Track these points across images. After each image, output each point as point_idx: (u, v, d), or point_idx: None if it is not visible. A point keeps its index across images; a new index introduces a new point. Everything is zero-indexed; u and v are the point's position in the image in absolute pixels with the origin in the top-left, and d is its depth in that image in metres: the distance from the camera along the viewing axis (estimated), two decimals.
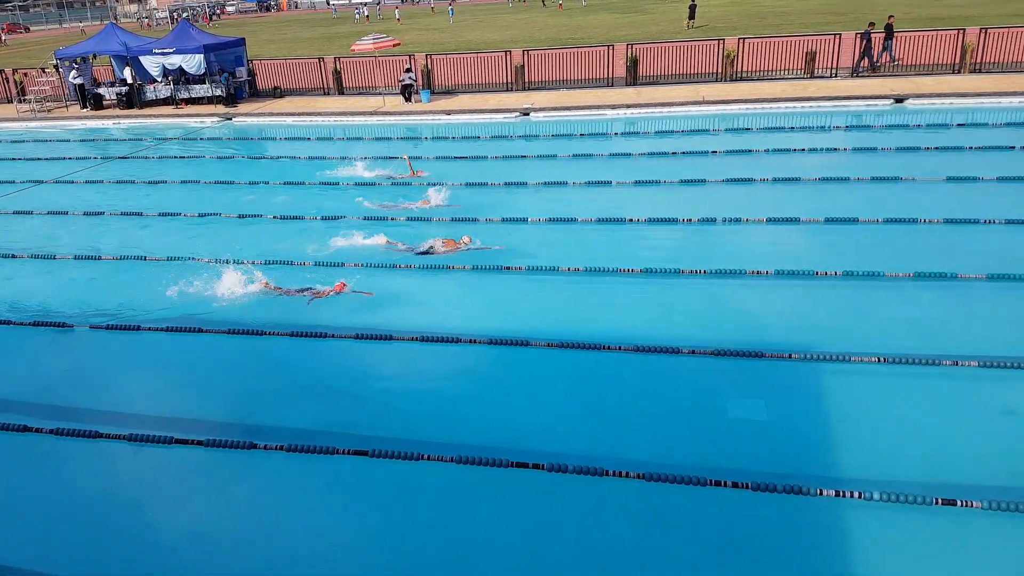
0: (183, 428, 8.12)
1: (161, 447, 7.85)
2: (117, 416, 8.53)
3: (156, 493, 7.39)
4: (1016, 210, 12.41)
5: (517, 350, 9.34)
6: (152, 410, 8.72)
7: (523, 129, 22.28)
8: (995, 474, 6.73)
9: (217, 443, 7.76)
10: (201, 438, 7.85)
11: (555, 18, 57.21)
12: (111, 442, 7.99)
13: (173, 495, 7.35)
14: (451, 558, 6.28)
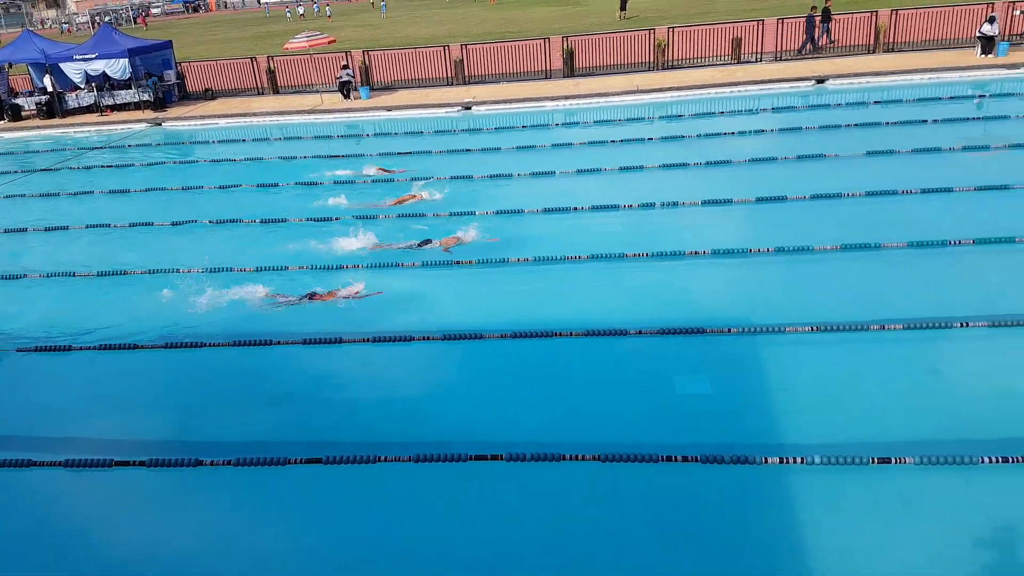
0: (124, 449, 7.89)
1: (101, 471, 7.58)
2: (51, 442, 8.24)
3: (98, 520, 7.16)
4: (930, 179, 13.18)
5: (469, 343, 9.49)
6: (90, 433, 8.46)
7: (466, 123, 22.56)
8: (925, 430, 7.22)
9: (161, 463, 7.55)
10: (144, 458, 7.62)
11: (491, 12, 57.33)
12: (46, 470, 7.65)
13: (116, 521, 7.12)
14: (416, 558, 6.33)
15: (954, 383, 8.04)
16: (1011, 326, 8.66)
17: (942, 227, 11.31)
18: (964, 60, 22.31)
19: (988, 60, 22.04)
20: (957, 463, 6.66)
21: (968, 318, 8.84)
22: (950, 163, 14.49)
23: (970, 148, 15.14)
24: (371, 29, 50.88)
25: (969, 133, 16.19)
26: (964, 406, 7.59)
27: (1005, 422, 7.26)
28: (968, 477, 6.59)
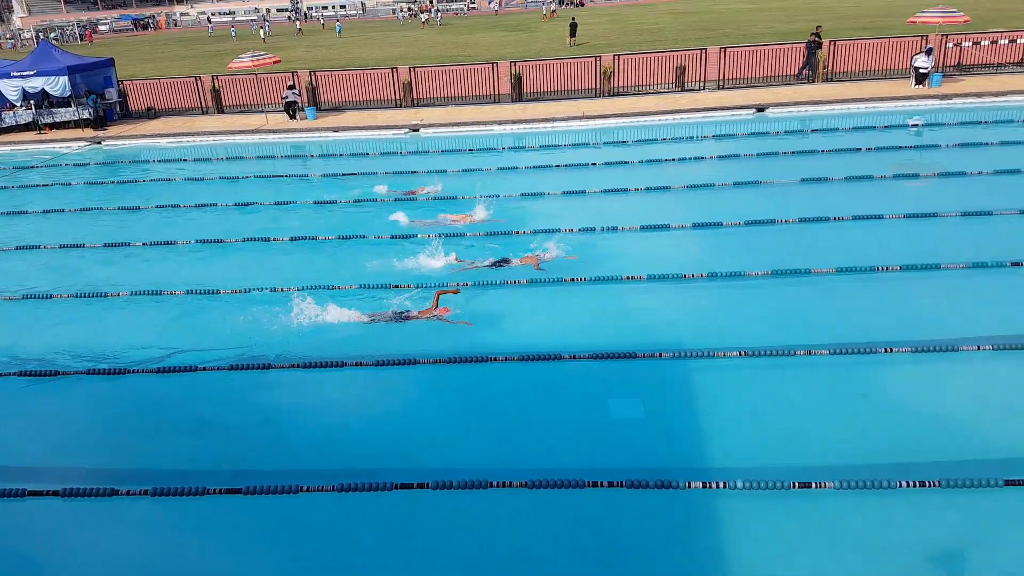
0: (37, 478, 7.63)
1: (13, 501, 7.31)
2: None
3: (8, 554, 6.85)
4: (861, 207, 13.53)
5: (398, 369, 9.37)
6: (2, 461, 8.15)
7: (414, 145, 22.53)
8: (847, 455, 7.33)
9: (75, 492, 7.28)
10: (57, 488, 7.35)
11: (442, 35, 57.70)
12: None
13: (26, 554, 6.83)
14: None
15: (877, 408, 8.17)
16: (933, 352, 8.88)
17: (871, 253, 11.60)
18: (899, 90, 23.12)
19: (922, 91, 22.86)
20: (876, 488, 6.76)
21: (892, 343, 9.04)
22: (881, 191, 14.91)
23: (901, 176, 15.61)
24: (321, 49, 50.69)
25: (901, 162, 16.69)
26: (885, 431, 7.73)
27: (923, 447, 7.41)
28: (887, 501, 6.69)
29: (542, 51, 39.24)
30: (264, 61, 25.42)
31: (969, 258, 11.21)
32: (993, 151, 17.09)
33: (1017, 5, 49.03)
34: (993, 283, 10.73)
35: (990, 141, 17.72)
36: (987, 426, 7.65)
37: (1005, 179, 14.98)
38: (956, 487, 6.68)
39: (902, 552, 6.22)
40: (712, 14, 59.20)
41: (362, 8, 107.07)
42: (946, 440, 7.47)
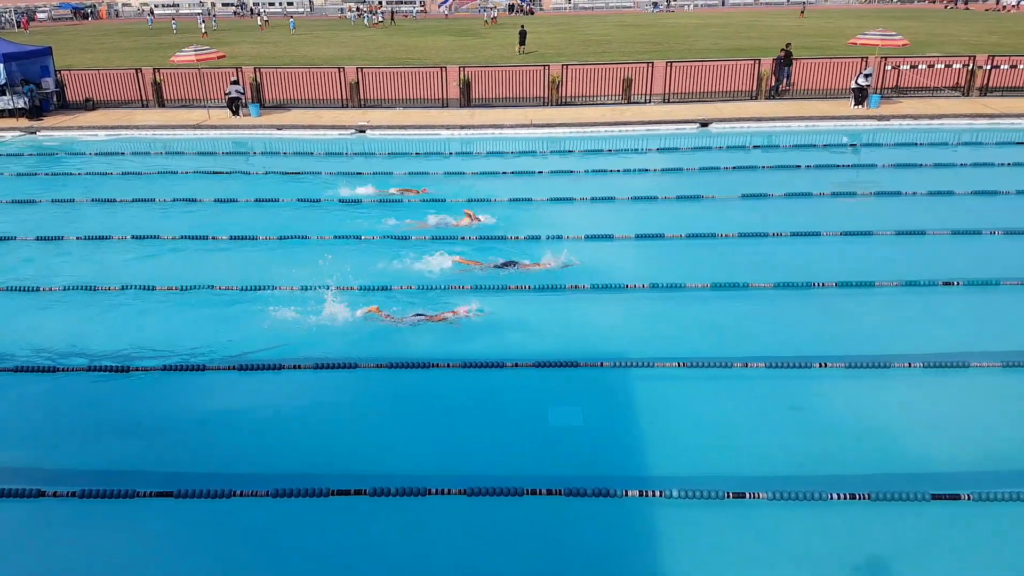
0: None
1: None
2: None
3: None
4: (799, 223, 13.88)
5: (340, 373, 9.22)
6: None
7: (360, 146, 22.25)
8: (781, 466, 7.47)
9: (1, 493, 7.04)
10: None
11: (391, 38, 57.31)
12: None
13: None
14: None
15: (810, 421, 8.35)
16: (865, 367, 9.12)
17: (807, 269, 11.88)
18: (839, 110, 23.85)
19: (860, 111, 23.62)
20: (808, 499, 6.89)
21: (826, 358, 9.25)
22: (819, 208, 15.30)
23: (839, 194, 16.06)
24: (267, 46, 49.77)
25: (839, 180, 17.18)
26: (818, 443, 7.90)
27: (854, 460, 7.59)
28: (818, 512, 6.82)
29: (491, 58, 39.28)
30: (208, 56, 24.77)
31: (902, 276, 11.57)
32: (927, 172, 17.75)
33: (952, 31, 51.28)
34: (924, 301, 11.08)
35: (924, 162, 18.40)
36: (915, 441, 7.89)
37: (938, 200, 15.56)
38: (885, 500, 6.86)
39: (833, 562, 6.36)
40: (658, 28, 60.33)
41: (310, 6, 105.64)
42: (876, 454, 7.67)
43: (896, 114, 23.29)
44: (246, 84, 25.90)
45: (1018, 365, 9.11)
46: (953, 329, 10.26)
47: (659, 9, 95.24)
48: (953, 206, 15.20)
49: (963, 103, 24.80)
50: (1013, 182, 16.33)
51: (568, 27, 66.05)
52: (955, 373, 9.04)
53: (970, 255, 12.73)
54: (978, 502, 6.81)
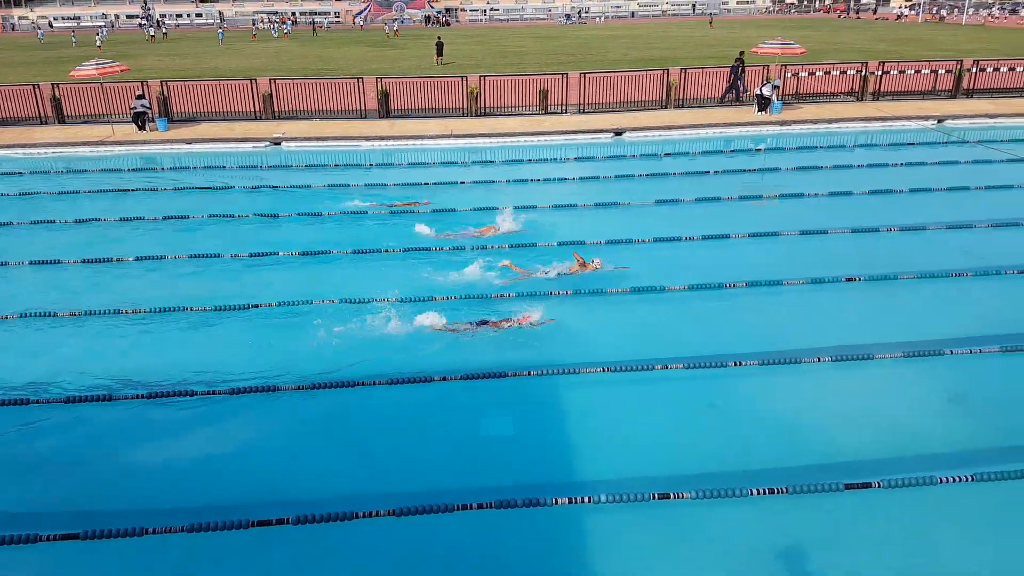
0: None
1: None
2: None
3: None
4: (711, 227, 14.32)
5: (256, 397, 8.93)
6: None
7: (275, 159, 21.80)
8: (703, 465, 7.66)
9: None
10: None
11: (306, 48, 56.43)
12: None
13: None
14: None
15: (729, 418, 8.63)
16: (777, 364, 9.49)
17: (720, 271, 12.27)
18: (743, 117, 24.78)
19: (764, 117, 24.62)
20: (729, 496, 7.09)
21: (741, 356, 9.58)
22: (728, 212, 15.88)
23: (746, 198, 16.70)
24: (175, 59, 48.17)
25: (746, 184, 17.87)
26: (737, 441, 8.15)
27: (771, 455, 7.86)
28: (739, 508, 7.03)
29: (409, 68, 39.18)
30: (110, 69, 23.83)
31: (808, 274, 12.11)
32: (827, 174, 18.67)
33: (845, 39, 54.10)
34: (829, 298, 11.64)
35: (825, 164, 19.35)
36: (828, 433, 8.23)
37: (838, 200, 16.38)
38: (802, 492, 7.12)
39: (756, 556, 6.56)
40: (571, 40, 61.40)
41: (220, 18, 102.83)
42: (791, 447, 7.98)
43: (797, 119, 24.41)
44: (152, 98, 25.01)
45: (918, 355, 9.64)
46: (857, 323, 10.77)
47: (572, 21, 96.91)
48: (852, 205, 16.02)
49: (858, 107, 26.20)
50: (906, 181, 17.34)
51: (484, 39, 66.47)
52: (861, 365, 9.51)
53: (869, 252, 13.42)
54: (887, 489, 7.15)
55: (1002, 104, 26.27)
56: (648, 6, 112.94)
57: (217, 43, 62.92)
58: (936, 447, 7.94)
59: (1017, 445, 7.92)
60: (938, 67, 28.03)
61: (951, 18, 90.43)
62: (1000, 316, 10.87)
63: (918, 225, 14.41)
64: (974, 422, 8.51)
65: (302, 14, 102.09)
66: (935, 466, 7.46)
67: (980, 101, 26.97)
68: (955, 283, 12.02)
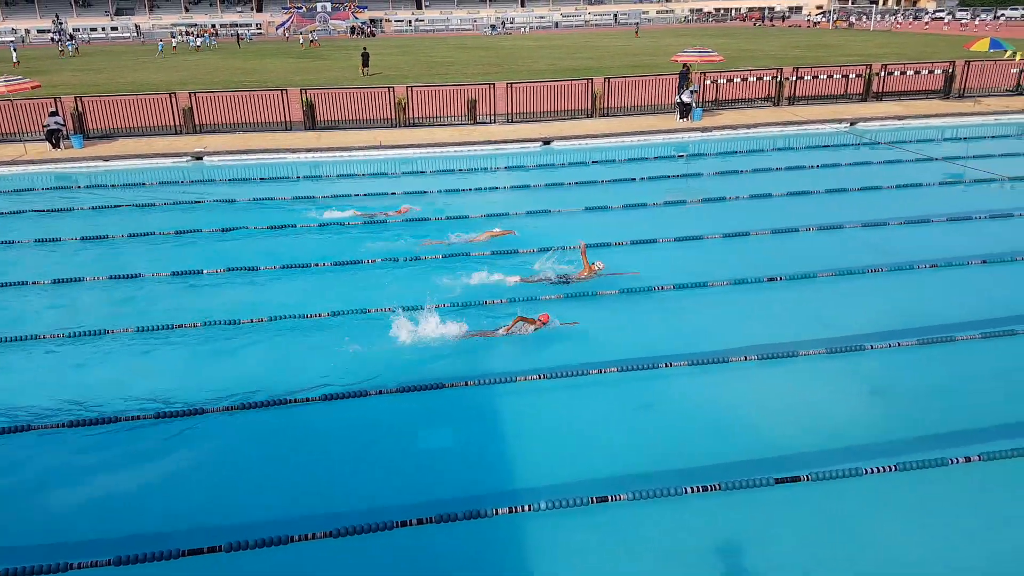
0: None
1: None
2: None
3: None
4: (637, 232, 14.62)
5: (184, 421, 8.65)
6: None
7: (198, 174, 21.22)
8: (639, 466, 7.78)
9: None
10: None
11: (228, 61, 55.16)
12: None
13: None
14: None
15: (662, 419, 8.81)
16: (706, 363, 9.74)
17: (647, 275, 12.52)
18: (666, 124, 25.39)
19: (685, 124, 25.28)
20: (665, 495, 7.23)
21: (670, 357, 9.79)
22: (654, 216, 16.23)
23: (671, 203, 17.09)
24: (90, 74, 46.34)
25: (670, 189, 18.28)
26: (671, 440, 8.32)
27: (704, 453, 8.03)
28: (675, 506, 7.17)
29: (334, 79, 38.74)
30: (20, 86, 22.70)
31: (732, 275, 12.48)
32: (747, 177, 19.31)
33: (761, 46, 56.02)
34: (753, 297, 12.01)
35: (745, 169, 20.00)
36: (757, 429, 8.47)
37: (758, 202, 16.96)
38: (734, 489, 7.32)
39: (693, 553, 6.72)
40: (498, 50, 61.78)
41: (136, 31, 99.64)
42: (724, 445, 8.17)
43: (717, 125, 25.15)
44: (66, 115, 24.03)
45: (839, 351, 10.03)
46: (780, 322, 11.14)
47: (497, 32, 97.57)
48: (772, 207, 16.61)
49: (774, 112, 27.19)
50: (822, 182, 18.09)
51: (410, 49, 66.28)
52: (785, 363, 9.84)
53: (789, 251, 13.90)
54: (815, 482, 7.40)
55: (910, 106, 27.70)
56: (571, 16, 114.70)
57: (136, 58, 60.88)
58: (860, 439, 8.25)
59: (935, 434, 8.29)
60: (849, 72, 29.33)
61: (860, 24, 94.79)
62: (915, 309, 11.41)
63: (834, 224, 15.04)
64: (895, 413, 8.88)
65: (222, 26, 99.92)
66: (860, 457, 7.77)
67: (889, 104, 28.36)
68: (871, 279, 12.57)
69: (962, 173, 19.45)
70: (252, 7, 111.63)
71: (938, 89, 29.49)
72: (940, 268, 12.89)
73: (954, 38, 62.67)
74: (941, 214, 15.63)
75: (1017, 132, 24.39)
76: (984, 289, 12.24)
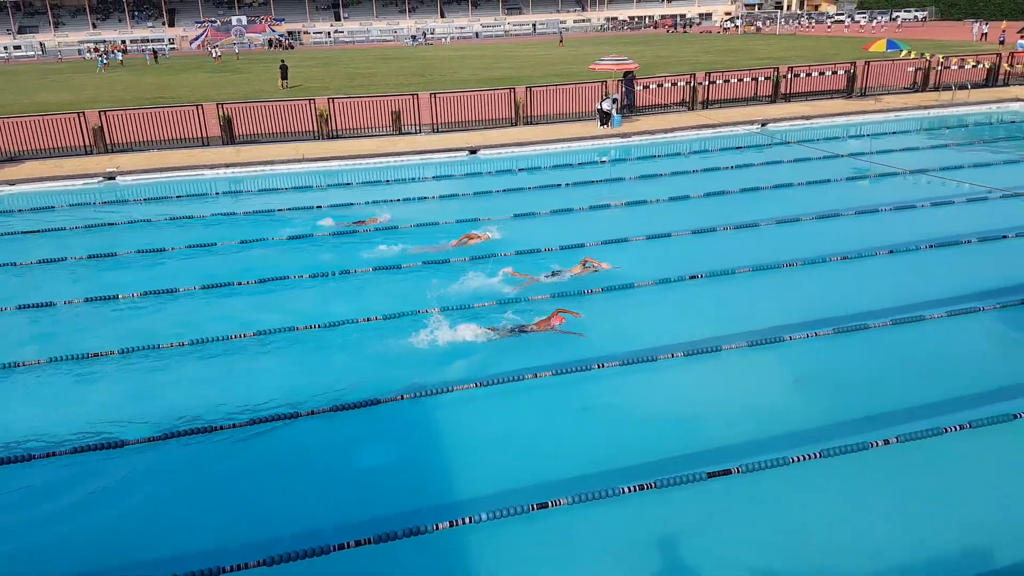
0: None
1: None
2: None
3: None
4: (564, 237, 14.81)
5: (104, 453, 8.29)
6: None
7: (111, 194, 20.42)
8: (577, 469, 7.84)
9: None
10: None
11: (141, 77, 53.36)
12: None
13: None
14: None
15: (597, 420, 8.91)
16: (637, 363, 9.93)
17: (577, 279, 12.63)
18: (588, 131, 25.78)
19: (606, 131, 25.74)
20: (604, 496, 7.31)
21: (602, 359, 9.94)
22: (580, 221, 16.47)
23: (596, 207, 17.39)
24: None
25: (595, 194, 18.57)
26: (607, 441, 8.42)
27: (639, 451, 8.15)
28: (614, 507, 7.26)
29: (253, 93, 37.95)
30: None
31: (656, 275, 12.77)
32: (667, 180, 19.83)
33: (675, 53, 57.59)
34: (676, 296, 12.32)
35: (664, 172, 20.52)
36: (688, 425, 8.68)
37: (678, 204, 17.43)
38: (670, 485, 7.46)
39: (633, 552, 6.82)
40: (419, 61, 61.72)
41: (41, 49, 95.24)
42: (657, 442, 8.31)
43: (636, 131, 25.70)
44: None
45: (761, 343, 10.38)
46: (703, 318, 11.42)
47: (418, 42, 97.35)
48: (691, 208, 17.10)
49: (689, 116, 27.96)
50: (737, 182, 18.73)
51: (330, 61, 65.48)
52: (711, 358, 10.10)
53: (708, 250, 14.28)
54: (746, 473, 7.61)
55: (816, 106, 28.93)
56: (491, 27, 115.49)
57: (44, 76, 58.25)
58: (786, 428, 8.53)
59: (855, 419, 8.62)
60: (758, 75, 30.44)
61: (767, 29, 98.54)
62: (828, 300, 11.90)
63: (750, 222, 15.58)
64: (816, 401, 9.23)
65: (132, 42, 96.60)
66: (786, 446, 8.03)
67: (797, 104, 29.56)
68: (786, 273, 13.09)
69: (867, 168, 20.43)
70: (163, 22, 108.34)
71: (841, 89, 30.91)
72: (850, 259, 13.50)
73: (854, 40, 65.86)
74: (849, 208, 16.38)
75: (915, 127, 25.84)
76: (892, 277, 12.90)
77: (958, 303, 11.39)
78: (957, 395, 9.03)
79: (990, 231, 14.52)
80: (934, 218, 15.93)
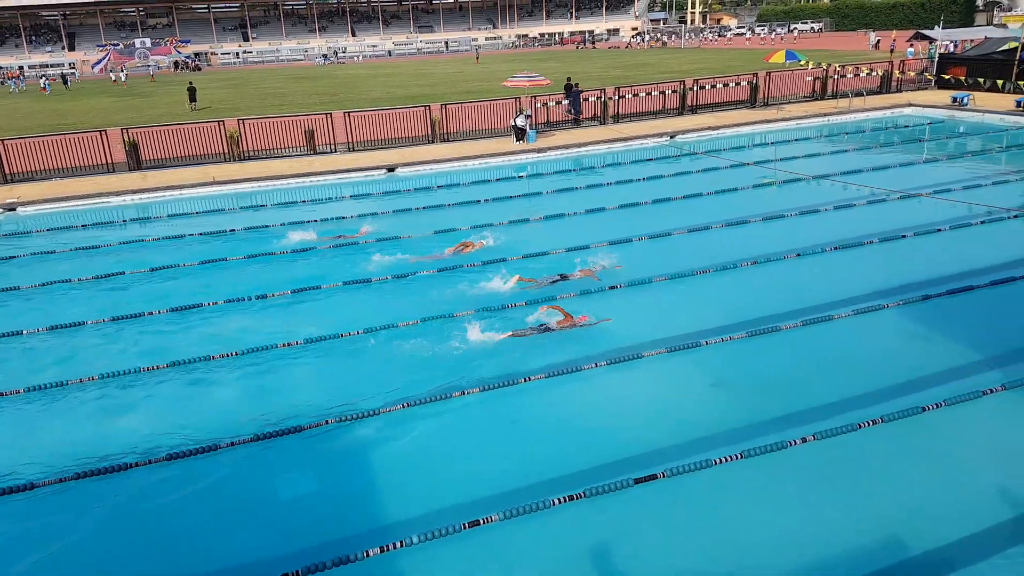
0: None
1: None
2: None
3: None
4: (486, 253, 14.88)
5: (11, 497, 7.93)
6: None
7: (11, 226, 19.39)
8: (508, 484, 7.86)
9: None
10: None
11: (41, 103, 50.93)
12: None
13: None
14: None
15: (526, 434, 8.99)
16: (561, 374, 10.06)
17: (498, 294, 12.76)
18: (504, 147, 26.07)
19: (521, 146, 26.09)
20: (535, 509, 7.37)
21: (528, 372, 10.05)
22: (501, 235, 16.50)
23: (515, 222, 17.56)
24: None
25: (513, 209, 18.77)
26: (536, 454, 8.50)
27: (568, 462, 8.24)
28: (546, 519, 7.32)
29: (159, 116, 36.77)
30: None
31: (576, 288, 13.00)
32: (582, 193, 20.24)
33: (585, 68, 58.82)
34: (597, 307, 12.53)
35: (579, 185, 20.93)
36: (612, 434, 8.83)
37: (594, 216, 17.81)
38: (598, 494, 7.58)
39: (566, 562, 6.89)
40: (331, 80, 61.12)
41: None
42: (584, 452, 8.41)
43: (551, 146, 26.13)
44: None
45: (679, 349, 10.70)
46: (622, 326, 11.60)
47: (329, 61, 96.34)
48: (607, 220, 17.49)
49: (602, 130, 28.64)
50: (650, 193, 19.28)
51: (240, 82, 64.06)
52: (632, 366, 10.33)
53: (624, 260, 14.47)
54: (671, 477, 7.80)
55: (722, 117, 30.10)
56: (403, 45, 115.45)
57: None
58: (707, 431, 8.77)
59: (773, 419, 8.92)
60: (666, 88, 31.48)
61: (672, 43, 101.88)
62: (741, 304, 12.34)
63: (664, 232, 16.07)
64: (735, 403, 9.51)
65: (31, 67, 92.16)
66: (708, 449, 8.26)
67: (704, 115, 30.70)
68: (700, 280, 13.52)
69: (772, 175, 21.37)
70: (63, 46, 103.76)
71: (745, 99, 32.29)
72: (760, 264, 14.07)
73: (756, 52, 68.86)
74: (757, 214, 17.10)
75: (816, 134, 27.19)
76: (799, 280, 13.52)
77: (863, 301, 11.98)
78: (868, 391, 9.42)
79: (890, 231, 15.36)
80: (837, 221, 16.74)
